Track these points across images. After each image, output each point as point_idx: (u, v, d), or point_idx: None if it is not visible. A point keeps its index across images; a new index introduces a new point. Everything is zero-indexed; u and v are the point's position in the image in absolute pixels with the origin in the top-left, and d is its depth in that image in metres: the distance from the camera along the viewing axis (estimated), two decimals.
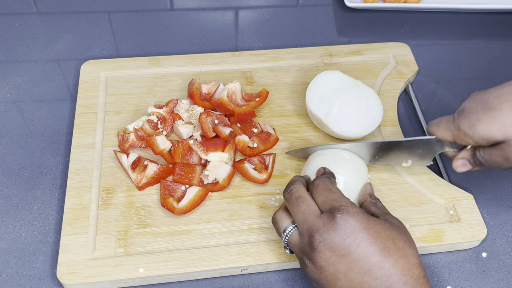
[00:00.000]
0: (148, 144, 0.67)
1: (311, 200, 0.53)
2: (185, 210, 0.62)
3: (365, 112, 0.67)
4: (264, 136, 0.70)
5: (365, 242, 0.48)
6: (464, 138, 0.56)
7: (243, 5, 0.95)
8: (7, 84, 0.79)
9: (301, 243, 0.52)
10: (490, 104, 0.53)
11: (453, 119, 0.57)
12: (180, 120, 0.70)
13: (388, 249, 0.49)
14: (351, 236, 0.48)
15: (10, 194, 0.66)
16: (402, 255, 0.49)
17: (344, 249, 0.48)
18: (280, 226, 0.54)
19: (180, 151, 0.65)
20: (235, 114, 0.70)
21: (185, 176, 0.65)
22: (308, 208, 0.52)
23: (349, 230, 0.49)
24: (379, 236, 0.49)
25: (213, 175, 0.64)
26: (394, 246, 0.49)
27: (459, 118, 0.56)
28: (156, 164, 0.66)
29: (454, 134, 0.57)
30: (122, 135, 0.69)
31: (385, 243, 0.49)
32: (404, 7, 0.92)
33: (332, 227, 0.49)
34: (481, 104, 0.54)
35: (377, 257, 0.48)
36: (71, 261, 0.58)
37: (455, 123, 0.56)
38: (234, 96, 0.73)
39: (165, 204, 0.62)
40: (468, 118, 0.54)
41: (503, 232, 0.65)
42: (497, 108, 0.52)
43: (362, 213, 0.50)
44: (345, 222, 0.49)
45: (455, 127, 0.56)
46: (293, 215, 0.53)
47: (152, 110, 0.71)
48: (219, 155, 0.65)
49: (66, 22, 0.89)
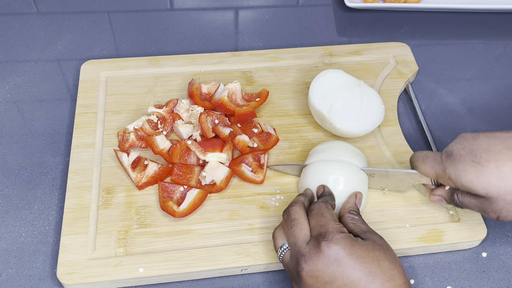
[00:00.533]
0: (148, 143, 0.67)
1: (305, 224, 0.53)
2: (186, 213, 0.62)
3: (367, 110, 0.67)
4: (264, 136, 0.70)
5: (349, 269, 0.48)
6: (447, 181, 0.57)
7: (243, 5, 0.95)
8: (7, 84, 0.79)
9: (290, 265, 0.52)
10: (478, 159, 0.53)
11: (440, 160, 0.57)
12: (180, 120, 0.70)
13: (373, 273, 0.48)
14: (334, 264, 0.48)
15: (10, 194, 0.66)
16: (388, 278, 0.49)
17: (328, 276, 0.48)
18: (276, 243, 0.55)
19: (178, 151, 0.65)
20: (236, 114, 0.70)
21: (183, 176, 0.65)
22: (300, 232, 0.52)
23: (332, 257, 0.49)
24: (363, 261, 0.49)
25: (211, 176, 0.64)
26: (380, 269, 0.49)
27: (446, 161, 0.56)
28: (157, 163, 0.66)
29: (439, 174, 0.57)
30: (122, 135, 0.69)
31: (369, 268, 0.49)
32: (404, 7, 0.92)
33: (316, 254, 0.49)
34: (469, 156, 0.54)
35: (363, 283, 0.48)
36: (71, 261, 0.58)
37: (442, 165, 0.56)
38: (234, 96, 0.73)
39: (165, 208, 0.62)
40: (455, 166, 0.55)
41: (503, 232, 0.65)
42: (485, 165, 0.53)
43: (346, 238, 0.50)
44: (329, 249, 0.49)
45: (441, 169, 0.56)
46: (286, 236, 0.54)
47: (152, 110, 0.71)
48: (217, 155, 0.65)
49: (66, 22, 0.89)
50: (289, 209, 0.55)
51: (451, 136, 0.74)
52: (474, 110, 0.79)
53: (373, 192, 0.65)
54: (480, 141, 0.54)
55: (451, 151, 0.56)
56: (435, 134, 0.75)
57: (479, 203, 0.55)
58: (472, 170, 0.53)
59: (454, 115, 0.78)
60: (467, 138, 0.55)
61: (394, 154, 0.70)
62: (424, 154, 0.59)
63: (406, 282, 0.50)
